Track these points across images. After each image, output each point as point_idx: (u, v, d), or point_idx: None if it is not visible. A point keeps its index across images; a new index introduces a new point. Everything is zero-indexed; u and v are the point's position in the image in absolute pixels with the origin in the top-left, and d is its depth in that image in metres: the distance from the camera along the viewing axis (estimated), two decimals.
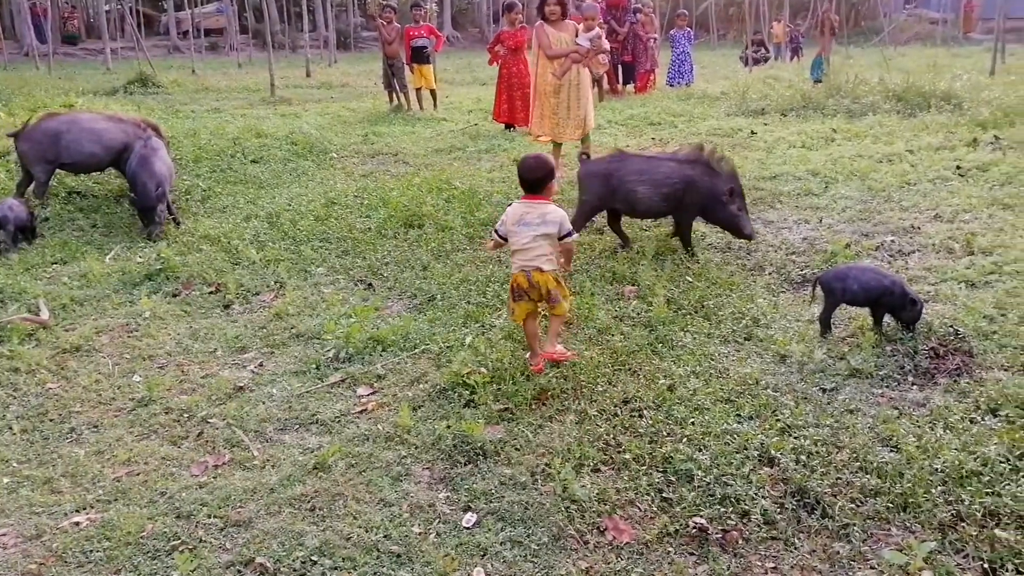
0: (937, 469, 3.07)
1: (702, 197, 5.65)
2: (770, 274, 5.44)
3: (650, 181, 5.69)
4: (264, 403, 3.99)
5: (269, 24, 20.41)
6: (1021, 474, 3.00)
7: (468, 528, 2.93)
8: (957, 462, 3.08)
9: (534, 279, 4.00)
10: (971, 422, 3.40)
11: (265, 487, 3.22)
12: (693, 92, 14.67)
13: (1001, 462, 3.07)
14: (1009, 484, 2.94)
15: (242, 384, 4.20)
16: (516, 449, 3.40)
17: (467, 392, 3.86)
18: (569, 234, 4.08)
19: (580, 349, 4.30)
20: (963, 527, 2.77)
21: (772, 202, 7.07)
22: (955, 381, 3.78)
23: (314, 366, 4.36)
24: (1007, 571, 2.56)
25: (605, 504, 3.00)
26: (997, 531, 2.72)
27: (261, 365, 4.46)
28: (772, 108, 11.96)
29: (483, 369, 4.02)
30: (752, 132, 10.27)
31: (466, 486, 3.17)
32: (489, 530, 2.90)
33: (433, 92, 14.19)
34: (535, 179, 4.06)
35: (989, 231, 5.74)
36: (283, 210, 7.28)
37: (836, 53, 18.37)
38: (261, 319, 5.08)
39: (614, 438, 3.44)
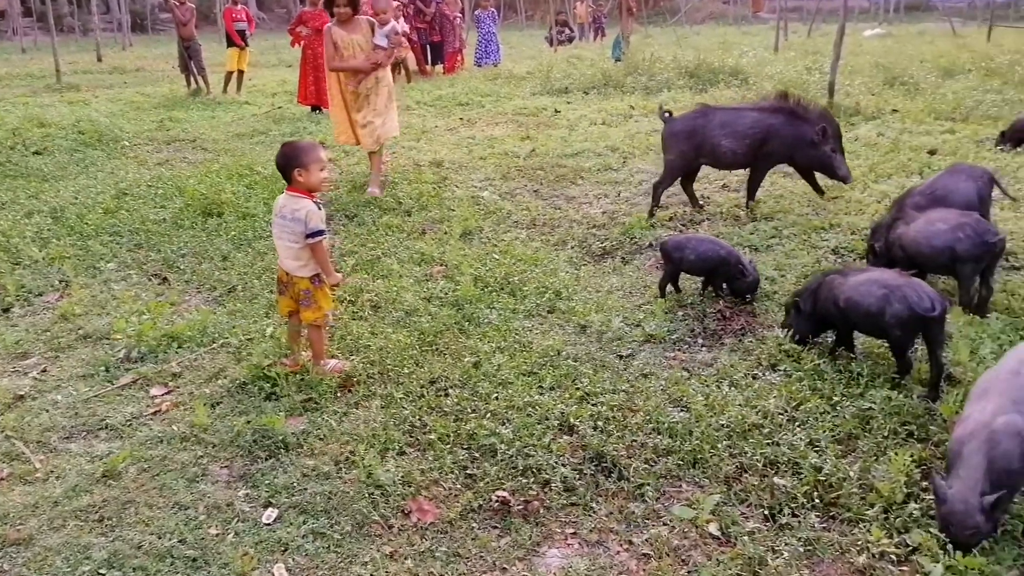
0: (723, 425, 3.28)
1: (786, 145, 5.71)
2: (572, 248, 5.62)
3: (733, 133, 5.72)
4: (48, 411, 3.64)
5: (54, 5, 18.67)
6: (797, 424, 3.26)
7: (268, 524, 2.81)
8: (741, 417, 3.31)
9: (285, 277, 3.80)
10: (753, 378, 3.68)
11: (48, 501, 2.96)
12: (500, 72, 14.88)
13: (780, 414, 3.34)
14: (786, 434, 3.19)
15: (22, 392, 3.81)
16: (319, 439, 3.31)
17: (268, 385, 3.71)
18: (315, 234, 3.63)
19: (387, 332, 4.25)
20: (746, 478, 2.99)
21: (574, 178, 7.31)
22: (739, 340, 4.08)
23: (103, 368, 4.03)
24: (784, 515, 2.78)
25: (410, 487, 2.98)
26: (776, 479, 2.95)
27: (44, 371, 4.06)
28: (575, 87, 12.37)
29: (285, 360, 3.87)
30: (556, 111, 10.57)
31: (267, 481, 3.05)
32: (291, 524, 2.80)
33: (239, 75, 13.51)
34: (280, 168, 3.74)
35: (771, 198, 6.24)
36: (69, 204, 6.70)
37: (636, 33, 19.28)
38: (45, 321, 4.63)
39: (420, 419, 3.43)
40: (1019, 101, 9.49)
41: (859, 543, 2.59)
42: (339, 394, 3.66)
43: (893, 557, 2.51)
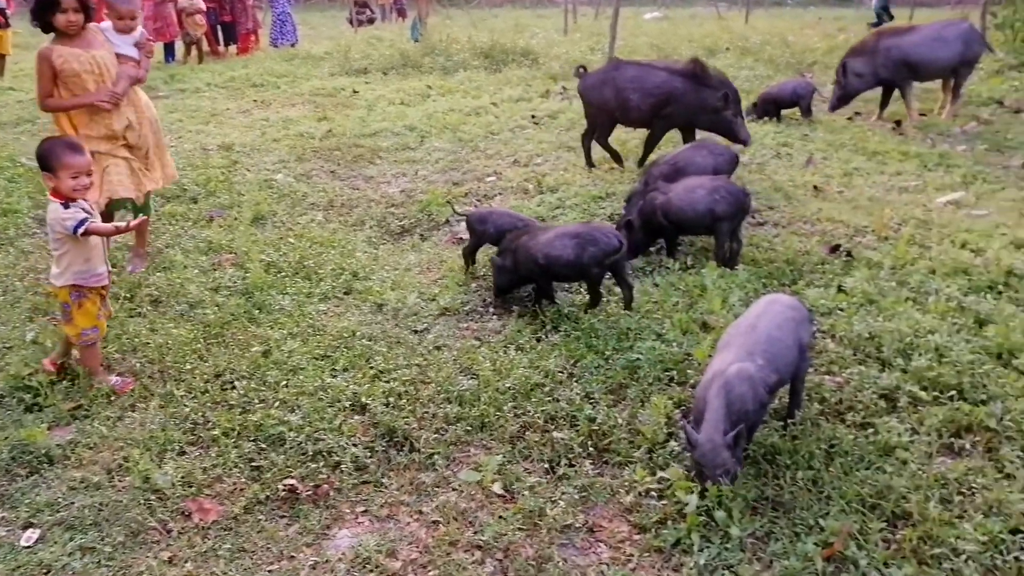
0: (508, 388, 3.40)
1: (688, 109, 5.86)
2: (371, 228, 5.58)
3: (641, 89, 5.86)
4: None
5: None
6: (575, 380, 3.46)
7: (28, 547, 2.60)
8: (524, 378, 3.45)
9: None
10: (537, 340, 3.83)
11: None
12: (297, 53, 14.39)
13: (560, 372, 3.52)
14: (565, 390, 3.37)
15: None
16: (89, 448, 3.10)
17: (29, 396, 3.41)
18: (77, 228, 3.27)
19: (168, 328, 4.03)
20: (529, 435, 3.13)
21: (372, 158, 7.25)
22: (527, 307, 4.23)
23: None
24: (562, 466, 2.94)
25: (191, 487, 2.87)
26: (555, 433, 3.11)
27: None
28: (374, 67, 12.21)
29: (46, 362, 3.57)
30: (354, 91, 10.39)
31: (26, 501, 2.81)
32: (55, 543, 2.61)
33: (1, 59, 12.12)
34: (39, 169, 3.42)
35: (556, 171, 6.50)
36: None
37: (436, 14, 19.26)
38: None
39: (203, 416, 3.29)
40: (767, 76, 10.45)
41: (627, 484, 2.80)
42: (113, 398, 3.44)
43: (655, 493, 2.74)
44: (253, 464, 3.00)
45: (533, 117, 8.37)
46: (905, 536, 2.43)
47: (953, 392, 3.12)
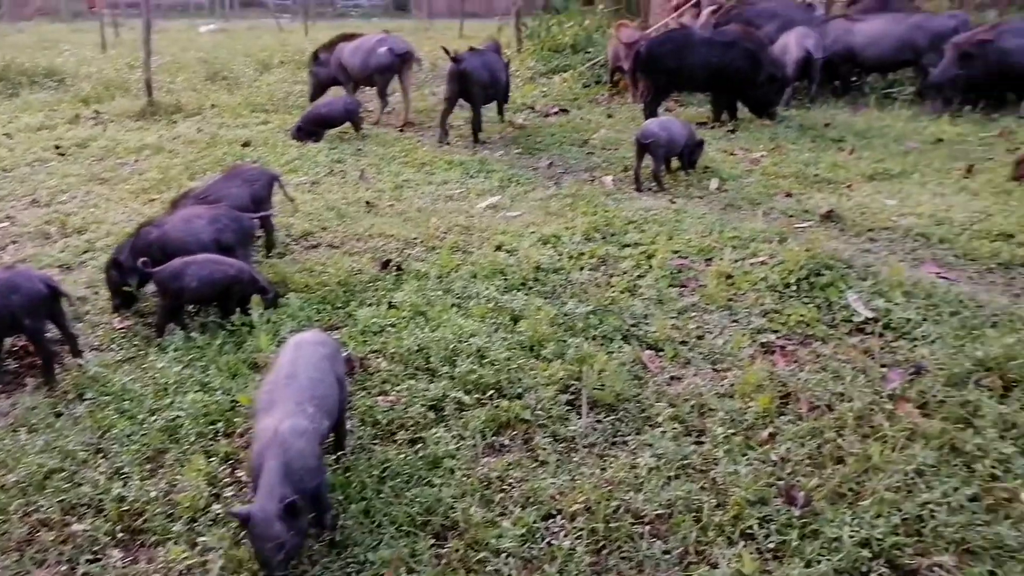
0: (15, 482, 2.78)
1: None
2: None
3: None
4: None
5: None
6: (102, 456, 2.94)
7: None
8: (38, 465, 2.85)
9: None
10: (57, 416, 3.21)
11: None
12: None
13: (82, 451, 2.95)
14: (89, 472, 2.85)
15: None
16: None
17: None
18: None
19: None
20: (42, 535, 2.57)
21: None
22: (44, 376, 3.53)
23: None
24: (82, 563, 2.46)
25: None
26: (75, 525, 2.61)
27: None
28: None
29: None
30: None
31: None
32: None
33: None
34: None
35: (85, 209, 5.68)
36: None
37: None
38: None
39: None
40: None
41: (162, 567, 2.43)
42: None
43: (197, 571, 2.42)
44: None
45: (58, 147, 7.28)
46: (452, 547, 2.46)
47: (493, 391, 3.29)
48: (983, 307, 3.91)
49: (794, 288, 4.14)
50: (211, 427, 3.08)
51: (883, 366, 3.47)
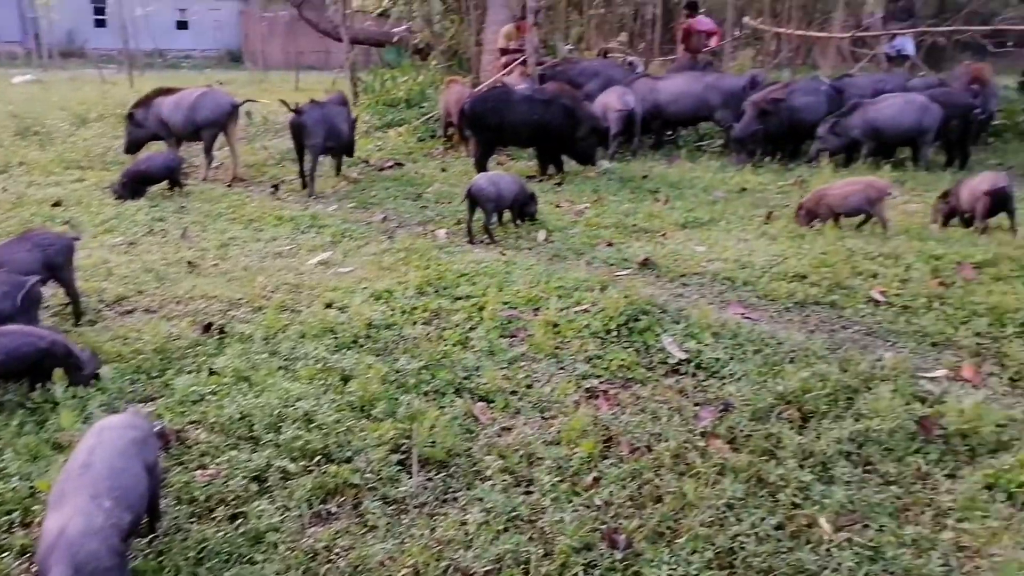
0: None
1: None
2: None
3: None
4: None
5: None
6: None
7: None
8: None
9: None
10: None
11: None
12: None
13: None
14: None
15: None
16: None
17: None
18: None
19: None
20: None
21: None
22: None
23: None
24: None
25: None
26: None
27: None
28: None
29: None
30: None
31: None
32: None
33: None
34: None
35: None
36: None
37: None
38: None
39: None
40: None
41: None
42: None
43: None
44: None
45: None
46: None
47: (320, 456, 3.21)
48: (782, 343, 4.26)
49: (615, 334, 4.35)
50: (6, 517, 2.80)
51: (696, 404, 3.70)
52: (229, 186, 8.45)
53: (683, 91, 10.25)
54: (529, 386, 3.88)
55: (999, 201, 5.98)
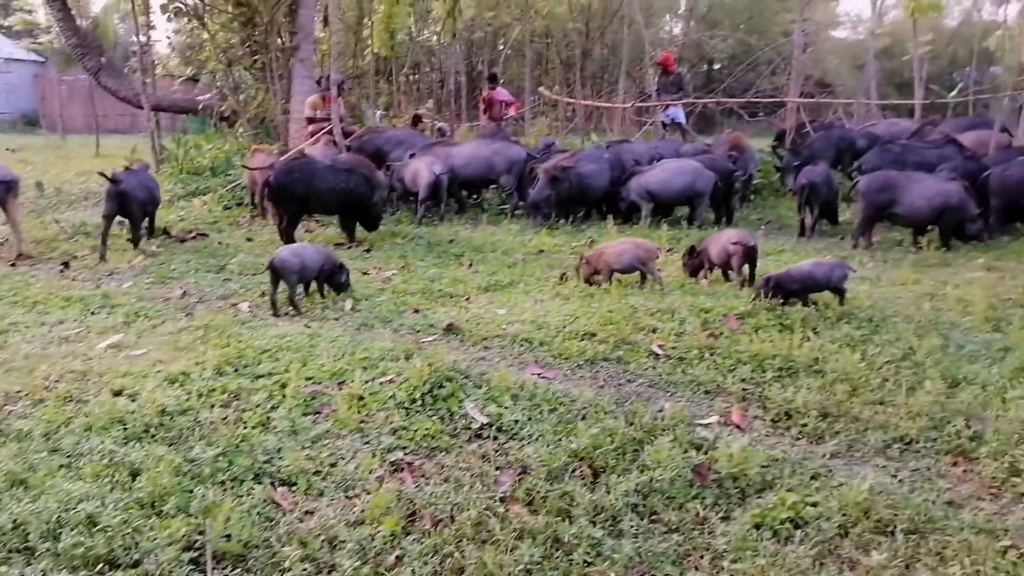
0: None
1: None
2: None
3: None
4: None
5: None
6: None
7: None
8: None
9: None
10: None
11: None
12: None
13: None
14: None
15: None
16: None
17: None
18: None
19: None
20: None
21: None
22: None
23: None
24: None
25: None
26: None
27: None
28: None
29: None
30: None
31: None
32: None
33: None
34: None
35: None
36: None
37: None
38: None
39: None
40: None
41: None
42: None
43: None
44: None
45: None
46: None
47: (104, 563, 3.03)
48: (575, 401, 4.53)
49: (420, 403, 4.44)
50: None
51: (497, 468, 3.84)
52: (13, 265, 7.81)
53: (473, 155, 10.86)
54: (333, 464, 3.87)
55: (749, 256, 6.82)
